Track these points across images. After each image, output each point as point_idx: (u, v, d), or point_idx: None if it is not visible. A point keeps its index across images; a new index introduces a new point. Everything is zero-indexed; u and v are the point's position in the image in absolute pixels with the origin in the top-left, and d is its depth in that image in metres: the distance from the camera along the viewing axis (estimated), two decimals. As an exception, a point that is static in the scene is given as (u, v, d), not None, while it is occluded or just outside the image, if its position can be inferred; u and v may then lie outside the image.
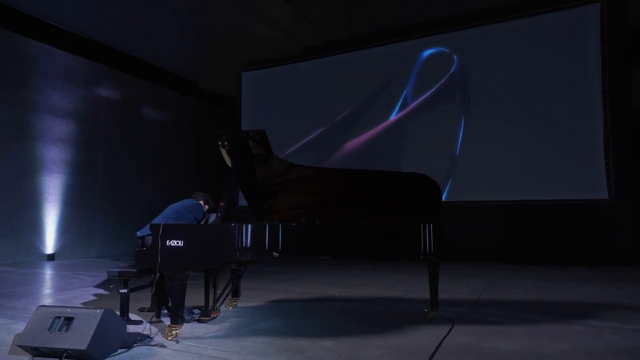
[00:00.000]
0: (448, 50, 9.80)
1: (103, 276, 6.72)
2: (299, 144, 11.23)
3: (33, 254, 9.11)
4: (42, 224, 9.31)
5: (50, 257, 9.40)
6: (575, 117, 8.45)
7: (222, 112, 13.71)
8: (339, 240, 3.76)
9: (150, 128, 11.87)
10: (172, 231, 3.34)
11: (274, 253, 3.30)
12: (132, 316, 4.00)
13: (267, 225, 3.37)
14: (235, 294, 4.50)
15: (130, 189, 11.16)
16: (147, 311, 4.15)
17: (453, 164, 9.45)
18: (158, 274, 3.36)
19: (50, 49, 9.55)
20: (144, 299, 4.49)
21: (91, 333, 2.76)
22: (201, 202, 4.37)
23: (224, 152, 3.78)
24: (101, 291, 5.55)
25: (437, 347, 3.15)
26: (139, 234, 4.01)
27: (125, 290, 3.81)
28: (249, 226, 3.37)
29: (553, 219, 8.43)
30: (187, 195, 4.61)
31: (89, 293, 5.45)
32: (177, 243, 3.32)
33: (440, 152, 9.59)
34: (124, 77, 11.17)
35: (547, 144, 8.61)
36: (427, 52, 10.03)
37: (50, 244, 9.44)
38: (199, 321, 3.83)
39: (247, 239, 3.37)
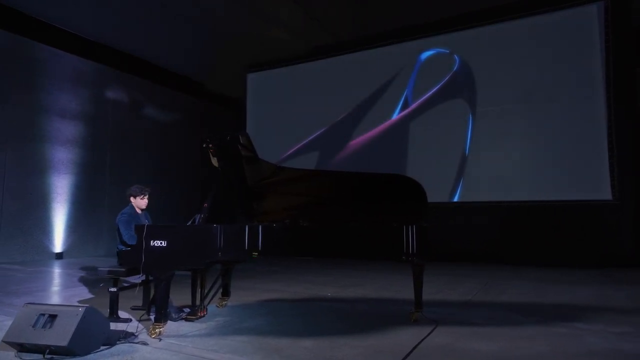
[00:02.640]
0: (448, 51, 9.76)
1: (105, 275, 6.86)
2: (302, 143, 11.28)
3: (42, 253, 9.34)
4: (50, 223, 9.54)
5: (59, 256, 9.62)
6: (579, 117, 8.34)
7: (228, 113, 13.85)
8: (324, 241, 3.81)
9: (157, 129, 12.06)
10: (156, 232, 3.43)
11: (254, 253, 3.36)
12: (123, 314, 4.10)
13: (247, 227, 3.43)
14: (225, 293, 4.58)
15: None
16: (137, 309, 4.24)
17: (463, 165, 9.34)
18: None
19: (58, 52, 9.78)
20: (139, 297, 4.58)
21: (72, 330, 2.86)
22: (131, 199, 4.39)
23: (210, 154, 3.85)
24: (101, 289, 5.67)
25: (414, 348, 3.17)
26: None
27: (115, 289, 3.91)
28: (231, 227, 3.44)
29: (555, 219, 8.33)
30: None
31: (89, 291, 5.60)
32: (161, 243, 3.40)
33: (448, 152, 9.50)
34: (131, 79, 11.38)
35: (550, 144, 8.52)
36: (431, 52, 9.99)
37: (58, 242, 9.67)
38: (186, 320, 3.91)
39: (229, 240, 3.45)
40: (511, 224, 8.75)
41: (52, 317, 2.97)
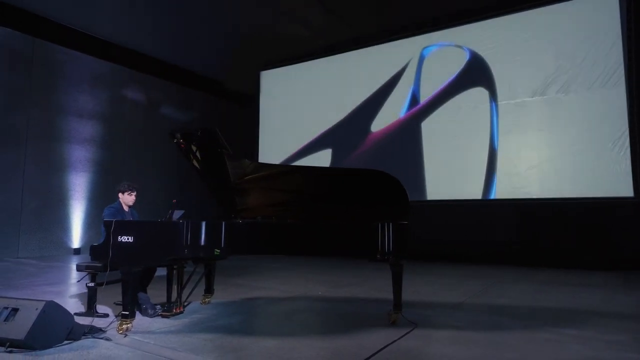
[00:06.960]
0: (460, 45, 9.43)
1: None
2: (314, 139, 11.20)
3: (60, 248, 9.68)
4: (68, 219, 9.87)
5: (77, 251, 9.95)
6: (599, 110, 7.86)
7: (245, 111, 13.93)
8: (299, 238, 3.71)
9: (174, 128, 12.24)
10: (123, 227, 3.43)
11: (216, 250, 3.32)
12: (104, 309, 4.16)
13: (205, 223, 3.38)
14: (209, 290, 4.56)
15: (153, 186, 11.58)
16: (120, 304, 4.27)
17: (492, 161, 8.87)
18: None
19: (76, 54, 10.09)
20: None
21: (30, 324, 2.89)
22: (119, 194, 4.37)
23: (179, 149, 3.84)
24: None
25: (376, 351, 3.03)
26: None
27: (93, 284, 3.96)
28: (196, 223, 3.40)
29: (573, 218, 7.89)
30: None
31: (85, 286, 5.70)
32: (128, 239, 3.40)
33: (467, 149, 9.16)
34: (147, 79, 11.62)
35: (568, 139, 8.08)
36: (441, 46, 9.70)
37: (76, 238, 10.00)
38: (162, 316, 3.91)
39: (197, 236, 3.41)
40: (525, 223, 8.37)
41: (15, 310, 3.01)
